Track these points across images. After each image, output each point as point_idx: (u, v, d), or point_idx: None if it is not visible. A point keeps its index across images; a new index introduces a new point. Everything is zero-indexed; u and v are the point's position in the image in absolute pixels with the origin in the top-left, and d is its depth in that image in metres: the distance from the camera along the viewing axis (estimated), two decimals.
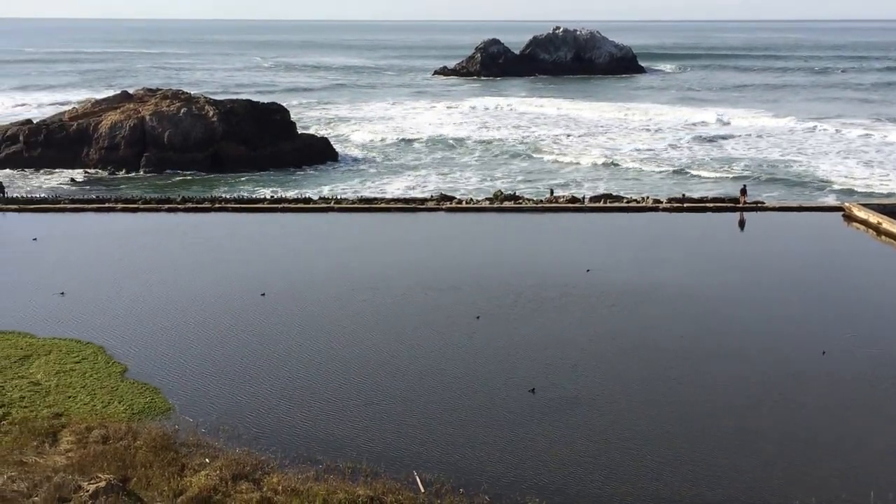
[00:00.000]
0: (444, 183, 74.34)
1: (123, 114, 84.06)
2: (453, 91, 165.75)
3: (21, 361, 28.32)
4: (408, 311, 33.84)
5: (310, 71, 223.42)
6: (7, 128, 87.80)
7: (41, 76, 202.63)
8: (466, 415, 24.86)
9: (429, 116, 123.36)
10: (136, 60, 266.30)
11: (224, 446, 22.63)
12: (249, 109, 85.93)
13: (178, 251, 43.99)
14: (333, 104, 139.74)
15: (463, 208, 54.12)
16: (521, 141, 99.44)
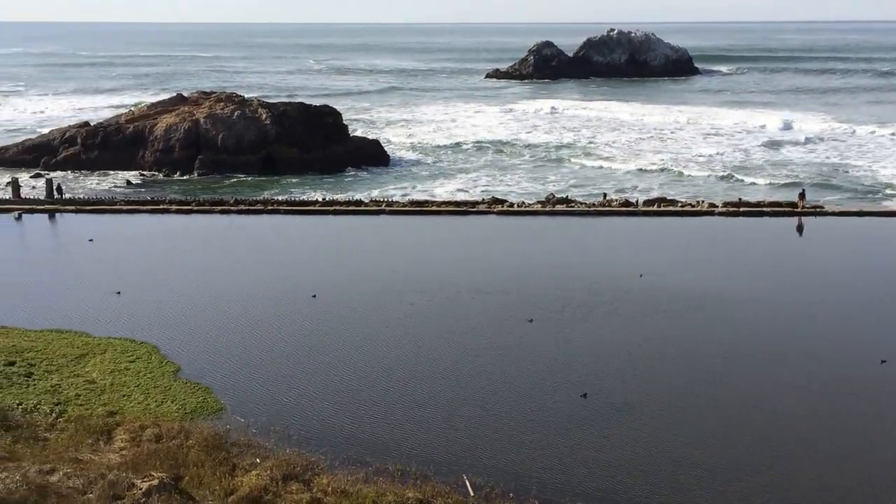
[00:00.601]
0: (496, 186, 74.06)
1: (178, 116, 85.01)
2: (505, 94, 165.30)
3: (77, 360, 28.71)
4: (458, 314, 33.74)
5: (362, 74, 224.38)
6: (65, 130, 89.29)
7: (98, 79, 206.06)
8: (517, 419, 24.67)
9: (480, 119, 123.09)
10: (191, 63, 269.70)
11: (274, 447, 22.70)
12: (302, 112, 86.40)
13: (230, 253, 44.36)
14: (385, 107, 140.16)
15: (514, 211, 53.89)
16: (574, 144, 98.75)
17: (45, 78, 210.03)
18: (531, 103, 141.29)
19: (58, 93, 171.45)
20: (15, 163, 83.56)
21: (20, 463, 20.68)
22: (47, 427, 23.70)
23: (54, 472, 20.02)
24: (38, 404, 25.09)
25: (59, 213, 54.80)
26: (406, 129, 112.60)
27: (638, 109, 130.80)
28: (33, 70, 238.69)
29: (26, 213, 54.01)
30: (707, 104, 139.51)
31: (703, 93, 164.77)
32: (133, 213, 54.71)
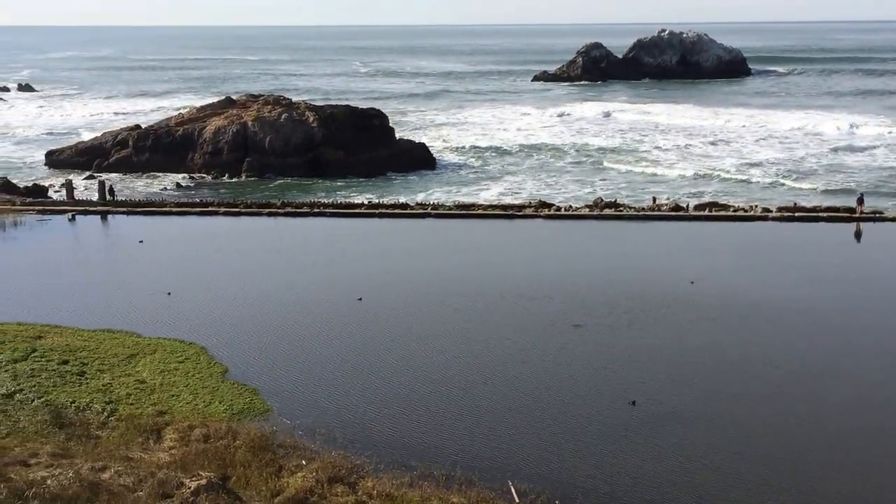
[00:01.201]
0: (542, 189, 73.91)
1: (227, 119, 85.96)
2: (553, 96, 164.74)
3: (128, 360, 29.16)
4: (504, 319, 33.69)
5: (408, 77, 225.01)
6: (117, 133, 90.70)
7: (149, 82, 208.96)
8: (562, 425, 24.57)
9: (527, 122, 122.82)
10: (239, 67, 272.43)
11: (320, 449, 22.84)
12: (348, 115, 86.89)
13: (277, 255, 44.76)
14: (431, 109, 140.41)
15: (561, 215, 53.72)
16: (623, 147, 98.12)
17: (98, 81, 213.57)
18: (579, 106, 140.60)
19: (110, 96, 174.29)
20: (69, 165, 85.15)
21: (73, 460, 21.07)
22: (99, 425, 24.12)
23: (106, 470, 20.37)
24: (91, 403, 25.53)
25: (110, 214, 55.68)
26: (452, 131, 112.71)
27: (689, 112, 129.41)
28: (86, 73, 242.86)
29: (79, 214, 54.97)
30: (761, 107, 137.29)
31: (758, 95, 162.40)
32: (182, 214, 55.42)
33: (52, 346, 30.20)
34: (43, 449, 21.80)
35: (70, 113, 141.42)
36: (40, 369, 27.96)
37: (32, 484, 19.05)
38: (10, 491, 18.61)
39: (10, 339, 30.74)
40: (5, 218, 52.84)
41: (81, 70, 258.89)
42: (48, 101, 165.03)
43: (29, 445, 22.13)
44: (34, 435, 23.04)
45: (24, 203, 58.70)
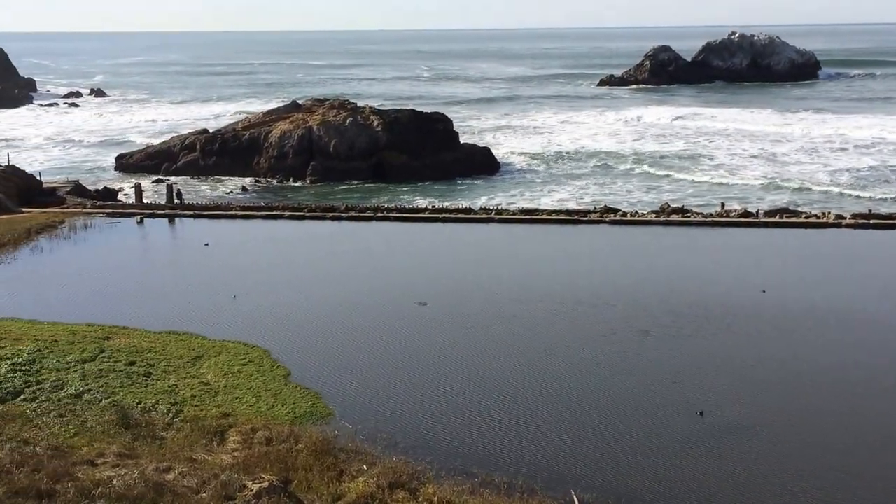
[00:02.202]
0: (607, 195, 73.23)
1: (292, 123, 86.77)
2: (619, 100, 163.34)
3: (193, 362, 29.45)
4: (566, 326, 33.32)
5: (472, 81, 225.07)
6: (185, 137, 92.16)
7: (216, 87, 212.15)
8: (627, 434, 24.17)
9: (592, 126, 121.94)
10: (305, 71, 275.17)
11: (381, 454, 22.78)
12: (413, 119, 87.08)
13: (340, 259, 44.92)
14: (495, 114, 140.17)
15: (627, 221, 53.09)
16: (690, 152, 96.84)
17: (167, 86, 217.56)
18: (646, 110, 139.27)
19: (178, 100, 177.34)
20: (138, 168, 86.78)
21: (138, 460, 21.32)
22: (164, 426, 24.38)
23: (170, 471, 20.57)
24: (156, 404, 25.82)
25: (178, 217, 56.46)
26: (516, 136, 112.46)
27: (759, 116, 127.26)
28: (155, 78, 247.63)
29: (148, 217, 55.82)
30: (834, 111, 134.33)
31: (831, 99, 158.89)
32: (248, 218, 55.96)
33: (119, 347, 30.65)
34: (109, 449, 22.11)
35: (139, 117, 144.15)
36: (108, 370, 28.38)
37: (99, 483, 19.30)
38: (77, 490, 18.87)
39: (80, 339, 31.29)
40: (76, 220, 53.91)
41: (150, 75, 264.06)
42: (118, 105, 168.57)
43: (96, 445, 22.46)
44: (101, 435, 23.37)
45: (94, 206, 59.83)
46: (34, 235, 49.46)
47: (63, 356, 29.51)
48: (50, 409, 25.10)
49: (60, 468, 20.13)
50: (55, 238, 49.49)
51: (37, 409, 25.19)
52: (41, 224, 52.07)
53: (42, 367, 28.54)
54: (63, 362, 28.95)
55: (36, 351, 29.84)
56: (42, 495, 18.65)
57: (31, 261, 44.50)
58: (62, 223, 53.00)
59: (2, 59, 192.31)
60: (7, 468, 20.11)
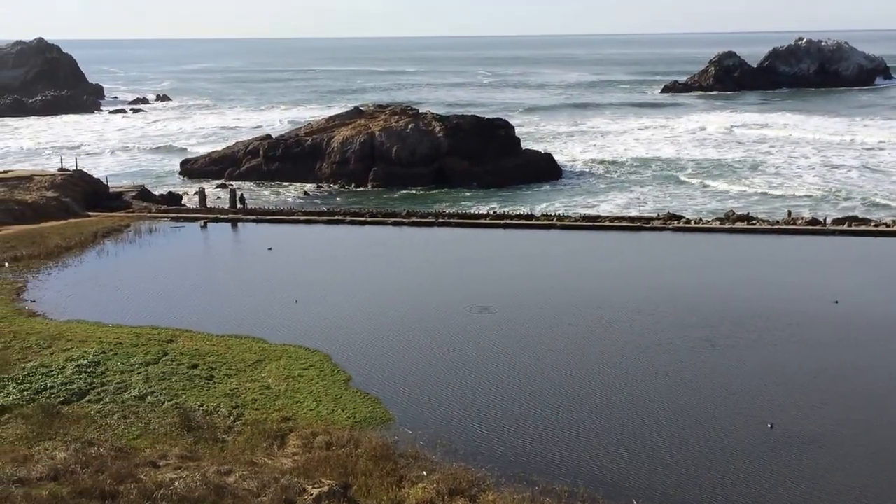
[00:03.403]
0: (669, 202, 72.33)
1: (354, 129, 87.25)
2: (683, 107, 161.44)
3: (255, 365, 29.59)
4: (629, 334, 32.82)
5: (534, 87, 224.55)
6: (248, 142, 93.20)
7: (280, 93, 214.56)
8: (692, 445, 23.64)
9: (654, 133, 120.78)
10: (368, 77, 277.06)
11: (441, 460, 22.60)
12: (474, 125, 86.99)
13: (401, 264, 44.93)
14: (557, 120, 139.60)
15: (691, 228, 52.29)
16: (755, 159, 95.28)
17: (231, 92, 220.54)
18: (709, 116, 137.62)
19: (242, 106, 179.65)
20: (202, 174, 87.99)
21: (200, 463, 21.43)
22: (225, 429, 24.49)
23: (231, 474, 20.63)
24: (218, 407, 25.96)
25: (240, 222, 57.01)
26: (577, 142, 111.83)
27: (825, 123, 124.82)
28: (219, 85, 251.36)
29: (211, 221, 56.46)
30: None
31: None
32: (310, 223, 56.29)
33: (182, 349, 30.93)
34: (172, 451, 22.26)
35: (203, 123, 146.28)
36: (171, 372, 28.64)
37: (161, 485, 19.43)
38: (139, 491, 19.01)
39: (144, 342, 31.66)
40: (141, 224, 54.74)
41: (215, 81, 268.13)
42: (183, 111, 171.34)
43: (158, 447, 22.64)
44: (164, 437, 23.55)
45: (159, 210, 60.75)
46: (100, 239, 50.31)
47: (127, 358, 29.87)
48: (114, 411, 25.39)
49: (124, 469, 20.31)
50: (121, 242, 50.29)
51: (101, 410, 25.50)
52: (107, 228, 52.97)
53: (107, 368, 28.92)
54: (127, 364, 29.31)
55: (101, 353, 30.26)
56: (105, 496, 18.82)
57: (96, 264, 45.25)
58: (127, 227, 53.86)
59: (71, 67, 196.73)
60: (72, 468, 20.36)
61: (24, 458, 21.31)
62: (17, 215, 55.12)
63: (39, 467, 20.45)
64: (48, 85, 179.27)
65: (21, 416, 24.67)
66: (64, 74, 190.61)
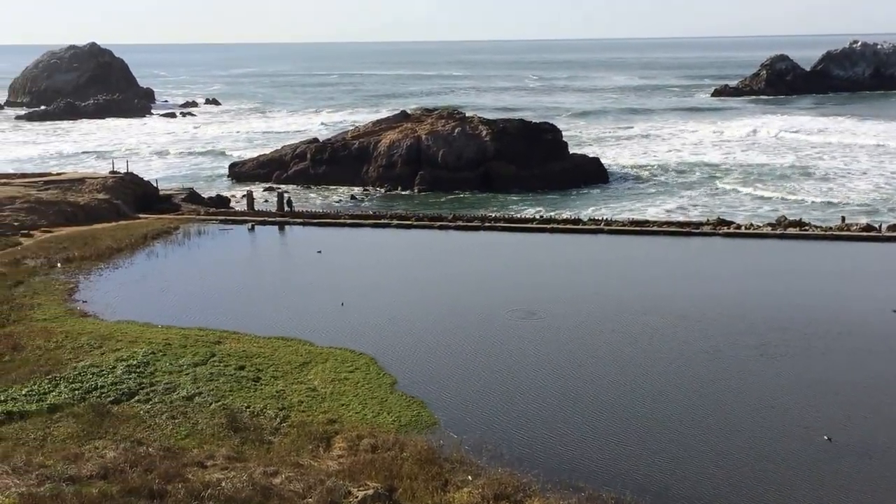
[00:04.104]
0: (718, 207, 71.52)
1: (401, 133, 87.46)
2: (733, 111, 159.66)
3: (301, 368, 29.69)
4: (678, 341, 32.42)
5: (582, 91, 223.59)
6: (296, 146, 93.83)
7: (327, 97, 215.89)
8: (746, 455, 23.23)
9: (704, 137, 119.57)
10: (413, 81, 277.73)
11: (486, 465, 22.47)
12: (521, 129, 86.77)
13: (447, 268, 44.85)
14: (604, 124, 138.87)
15: (741, 234, 51.58)
16: (807, 164, 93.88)
17: (278, 96, 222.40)
18: (759, 120, 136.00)
19: (289, 110, 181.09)
20: (250, 177, 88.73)
21: (246, 464, 21.54)
22: (272, 431, 24.59)
23: (277, 475, 20.72)
24: (265, 408, 26.07)
25: (287, 225, 57.34)
26: (625, 146, 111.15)
27: (879, 128, 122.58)
28: (268, 89, 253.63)
29: (259, 224, 56.85)
30: None
31: None
32: (356, 226, 56.46)
33: (229, 351, 31.15)
34: (219, 451, 22.41)
35: (252, 126, 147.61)
36: (218, 374, 28.85)
37: (208, 485, 19.54)
38: (187, 491, 19.14)
39: (192, 343, 31.93)
40: (190, 227, 55.28)
41: (263, 85, 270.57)
42: (232, 115, 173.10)
43: (206, 447, 22.80)
44: (211, 437, 23.71)
45: (207, 213, 61.31)
46: (150, 241, 50.90)
47: (175, 359, 30.15)
48: (162, 411, 25.62)
49: (172, 469, 20.48)
50: (170, 243, 50.82)
51: (150, 410, 25.74)
52: (157, 230, 53.57)
53: (156, 369, 29.20)
54: (175, 365, 29.57)
55: (150, 353, 30.57)
56: (154, 495, 18.97)
57: (146, 265, 45.77)
58: (176, 229, 54.43)
59: (122, 71, 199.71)
60: (121, 467, 20.57)
61: (74, 456, 21.58)
62: (70, 217, 55.98)
63: (90, 465, 20.69)
64: (100, 89, 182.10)
65: (72, 414, 25.00)
66: (116, 78, 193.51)
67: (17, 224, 52.56)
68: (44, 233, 52.11)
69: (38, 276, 42.43)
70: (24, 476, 19.75)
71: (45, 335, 32.63)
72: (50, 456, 21.57)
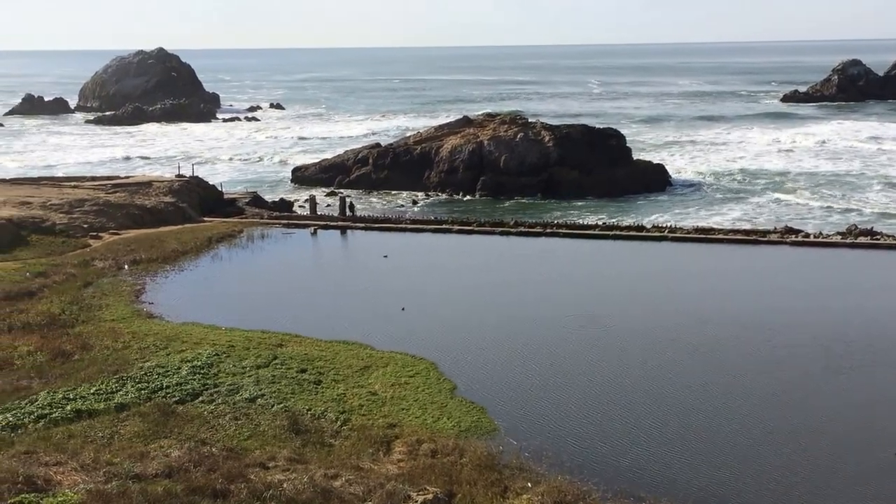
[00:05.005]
0: (785, 214, 70.25)
1: (463, 138, 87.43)
2: (802, 117, 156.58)
3: (362, 372, 29.84)
4: (745, 352, 31.86)
5: (645, 96, 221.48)
6: (358, 151, 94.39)
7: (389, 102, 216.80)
8: (803, 468, 22.84)
9: (771, 144, 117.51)
10: (475, 86, 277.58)
11: (546, 472, 22.35)
12: (585, 134, 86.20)
13: (507, 273, 44.73)
14: (668, 130, 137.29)
15: (810, 242, 50.60)
16: (878, 173, 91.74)
17: (341, 101, 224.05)
18: (829, 127, 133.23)
19: (351, 114, 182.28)
20: (313, 181, 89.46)
21: (307, 466, 21.70)
22: (332, 434, 24.76)
23: (338, 478, 20.83)
24: (325, 411, 26.26)
25: (349, 229, 57.70)
26: (690, 153, 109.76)
27: None
28: (330, 93, 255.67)
29: (321, 228, 57.31)
30: None
31: None
32: (417, 231, 56.61)
33: (291, 354, 31.44)
34: (280, 453, 22.61)
35: (315, 131, 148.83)
36: (280, 376, 29.13)
37: (270, 486, 19.73)
38: (249, 491, 19.34)
39: (255, 345, 32.31)
40: (254, 230, 55.94)
41: (326, 90, 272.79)
42: (295, 119, 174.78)
43: (268, 449, 23.03)
44: (273, 439, 23.94)
45: (270, 217, 62.00)
46: (214, 244, 51.63)
47: (239, 361, 30.52)
48: (226, 412, 25.94)
49: (234, 469, 20.71)
50: (234, 247, 51.49)
51: (213, 411, 26.09)
52: (221, 233, 54.31)
53: (219, 370, 29.60)
54: (239, 367, 29.94)
55: (214, 355, 30.99)
56: (217, 494, 19.21)
57: (211, 268, 46.42)
58: (240, 233, 55.12)
59: (189, 76, 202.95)
60: (185, 466, 20.86)
61: (140, 454, 21.95)
62: (137, 220, 57.04)
63: (155, 464, 21.01)
64: (167, 93, 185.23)
65: (139, 413, 25.45)
66: (182, 83, 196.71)
67: (87, 226, 53.70)
68: (112, 235, 53.18)
69: (107, 277, 43.31)
70: (91, 473, 20.13)
71: (113, 335, 33.30)
72: (117, 454, 21.97)
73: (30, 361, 30.30)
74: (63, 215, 54.75)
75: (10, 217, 51.78)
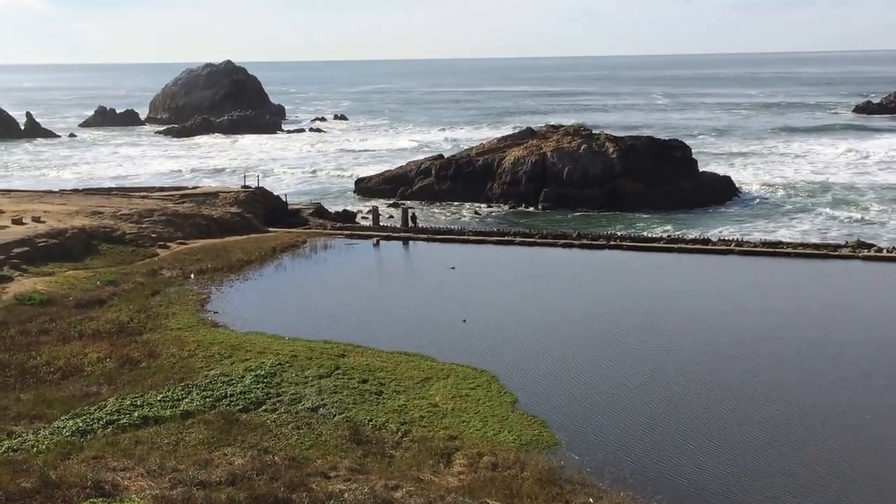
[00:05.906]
0: (858, 228, 68.72)
1: (526, 150, 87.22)
2: (874, 129, 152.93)
3: (422, 383, 29.87)
4: (818, 370, 31.11)
5: (711, 107, 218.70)
6: (421, 162, 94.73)
7: (452, 113, 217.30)
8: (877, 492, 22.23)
9: (842, 155, 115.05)
10: (538, 98, 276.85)
11: (608, 488, 22.11)
12: (650, 146, 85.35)
13: (570, 286, 44.46)
14: (734, 141, 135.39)
15: (884, 257, 49.37)
16: None
17: (405, 112, 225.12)
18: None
19: (415, 126, 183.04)
20: (376, 192, 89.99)
21: (368, 476, 21.73)
22: (393, 445, 24.79)
23: (398, 489, 20.81)
24: (386, 422, 26.32)
25: (412, 240, 57.87)
26: (758, 165, 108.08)
27: None
28: (394, 105, 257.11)
29: (383, 239, 57.60)
30: None
31: None
32: (480, 243, 56.55)
33: (353, 364, 31.60)
34: (342, 463, 22.69)
35: (379, 143, 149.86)
36: (342, 386, 29.28)
37: (331, 496, 19.78)
38: (310, 500, 19.41)
39: (317, 355, 32.54)
40: (317, 241, 56.43)
41: (390, 102, 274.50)
42: (359, 131, 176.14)
43: (329, 458, 23.13)
44: (334, 449, 24.06)
45: (334, 227, 62.49)
46: (278, 254, 52.19)
47: (301, 371, 30.76)
48: (288, 421, 26.15)
49: (296, 478, 20.81)
50: (297, 257, 51.99)
51: (276, 419, 26.32)
52: (285, 243, 54.89)
53: (282, 380, 29.86)
54: (301, 376, 30.17)
55: (277, 364, 31.28)
56: (279, 503, 19.31)
57: (274, 278, 46.91)
58: (304, 243, 55.64)
59: (256, 88, 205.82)
60: (248, 474, 21.03)
61: (205, 461, 22.19)
62: (204, 230, 57.92)
63: (219, 471, 21.22)
64: (234, 105, 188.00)
65: (203, 421, 25.76)
66: (249, 95, 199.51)
67: (155, 236, 54.68)
68: (179, 245, 54.06)
69: (174, 286, 44.03)
70: (157, 479, 20.40)
71: (179, 344, 33.82)
72: (182, 461, 22.24)
73: (99, 368, 30.93)
74: (132, 225, 55.82)
75: (83, 226, 52.94)
